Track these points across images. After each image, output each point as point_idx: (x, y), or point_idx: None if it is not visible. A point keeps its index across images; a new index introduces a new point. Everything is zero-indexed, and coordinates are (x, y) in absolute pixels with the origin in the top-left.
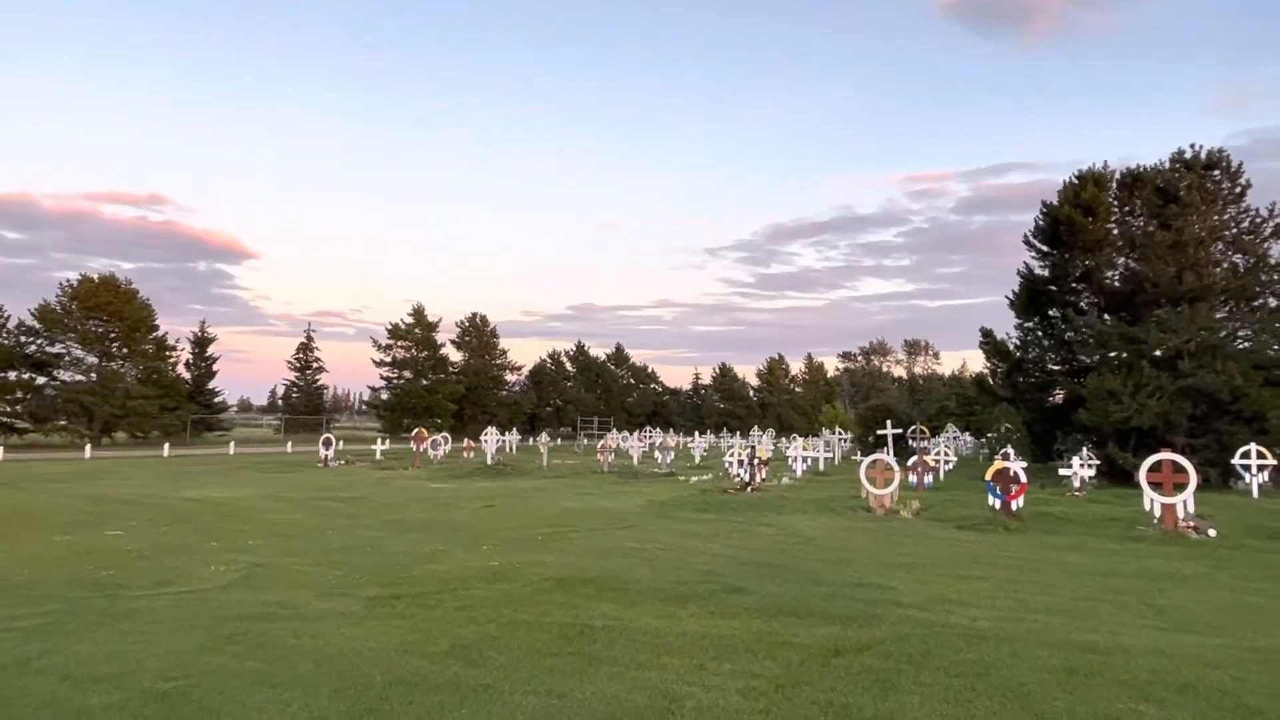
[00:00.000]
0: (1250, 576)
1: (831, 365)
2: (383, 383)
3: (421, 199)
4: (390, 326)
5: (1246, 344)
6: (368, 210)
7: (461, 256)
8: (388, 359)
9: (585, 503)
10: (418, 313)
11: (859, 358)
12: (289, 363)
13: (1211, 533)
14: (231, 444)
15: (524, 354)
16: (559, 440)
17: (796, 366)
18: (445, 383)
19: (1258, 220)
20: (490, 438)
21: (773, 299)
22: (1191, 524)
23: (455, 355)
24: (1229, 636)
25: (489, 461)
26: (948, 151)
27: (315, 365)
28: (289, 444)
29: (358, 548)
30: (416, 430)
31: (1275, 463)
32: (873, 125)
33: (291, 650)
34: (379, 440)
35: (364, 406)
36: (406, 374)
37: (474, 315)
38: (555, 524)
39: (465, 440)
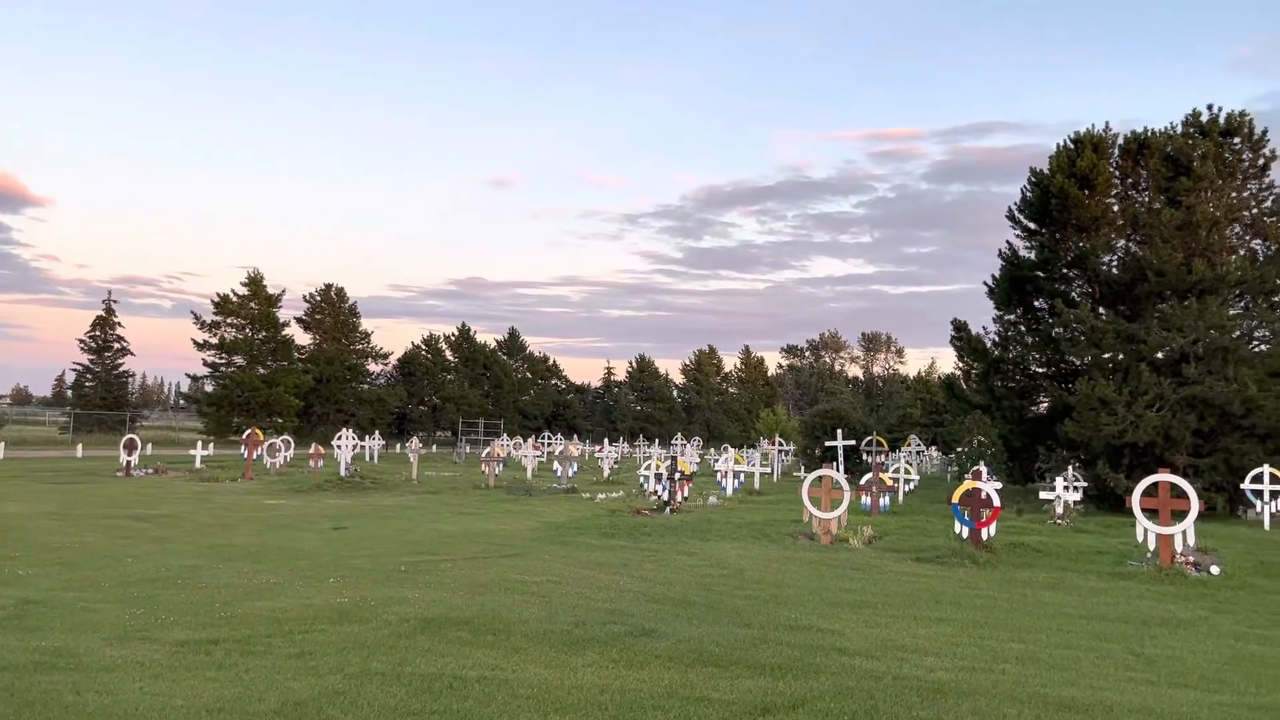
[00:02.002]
0: (1256, 622)
1: (773, 362)
2: (207, 370)
3: (263, 140)
4: (218, 299)
5: (1264, 346)
6: (193, 152)
7: (313, 215)
8: (214, 340)
9: (464, 525)
10: (254, 282)
11: (807, 353)
12: (82, 342)
13: (1214, 570)
14: (0, 445)
15: (392, 338)
16: (434, 447)
17: (731, 362)
18: (289, 372)
19: None
20: (345, 443)
21: (704, 279)
22: (1191, 559)
23: (303, 338)
24: (1229, 692)
25: (343, 473)
26: (919, 105)
27: (117, 346)
28: (79, 447)
29: (165, 579)
30: (249, 432)
31: None
32: (829, 70)
33: (70, 711)
34: (200, 444)
35: (182, 401)
36: (238, 360)
37: (327, 288)
38: (424, 551)
39: (313, 446)
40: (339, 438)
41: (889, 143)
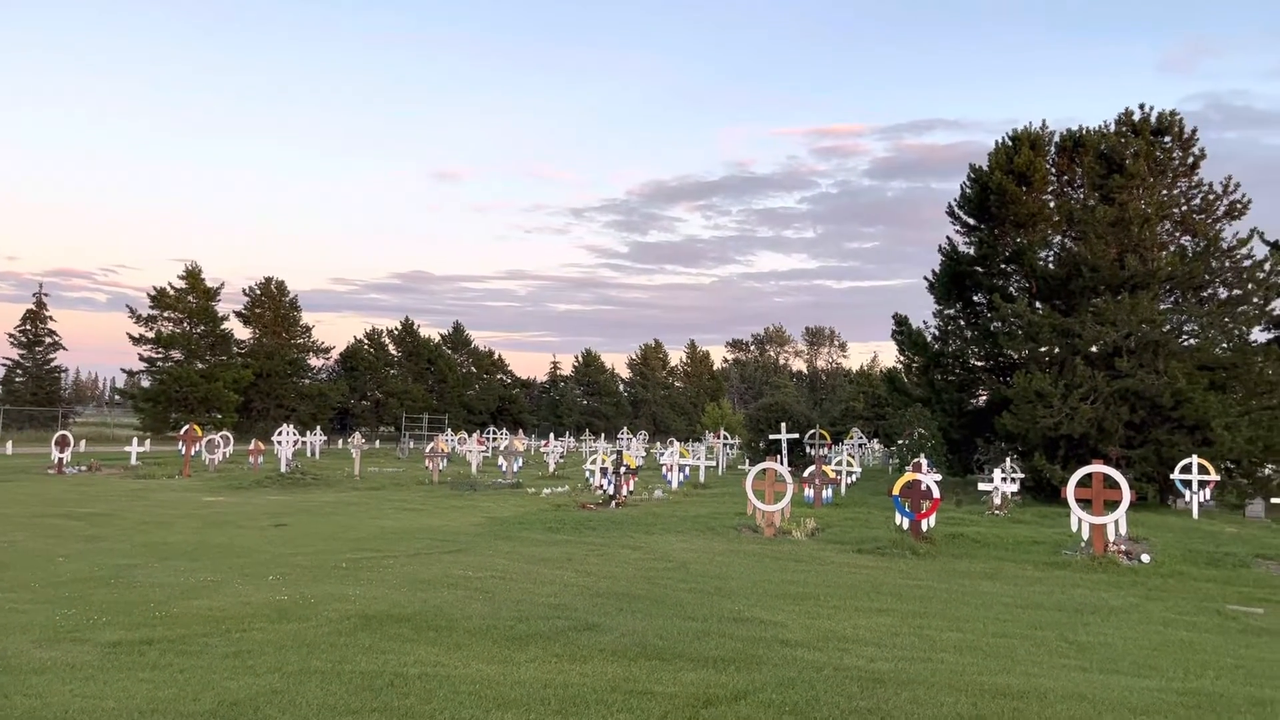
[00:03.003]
0: (1184, 609)
1: (719, 356)
2: (143, 365)
3: (201, 131)
4: (154, 293)
5: (1192, 341)
6: (128, 142)
7: (253, 207)
8: (150, 334)
9: (407, 521)
10: (192, 275)
11: (752, 347)
12: (11, 337)
13: (1145, 558)
14: None
15: (335, 333)
16: (377, 442)
17: (677, 356)
18: (228, 367)
19: (1210, 197)
20: (286, 438)
21: (650, 273)
22: (1123, 548)
23: (243, 332)
24: (1158, 677)
25: (283, 469)
26: (861, 103)
27: (49, 341)
28: (9, 444)
29: (99, 579)
30: (187, 428)
31: (1218, 478)
32: (773, 67)
33: None
34: (136, 440)
35: (117, 396)
36: (175, 354)
37: (268, 281)
38: (366, 547)
39: (253, 442)
40: (279, 433)
41: (832, 139)
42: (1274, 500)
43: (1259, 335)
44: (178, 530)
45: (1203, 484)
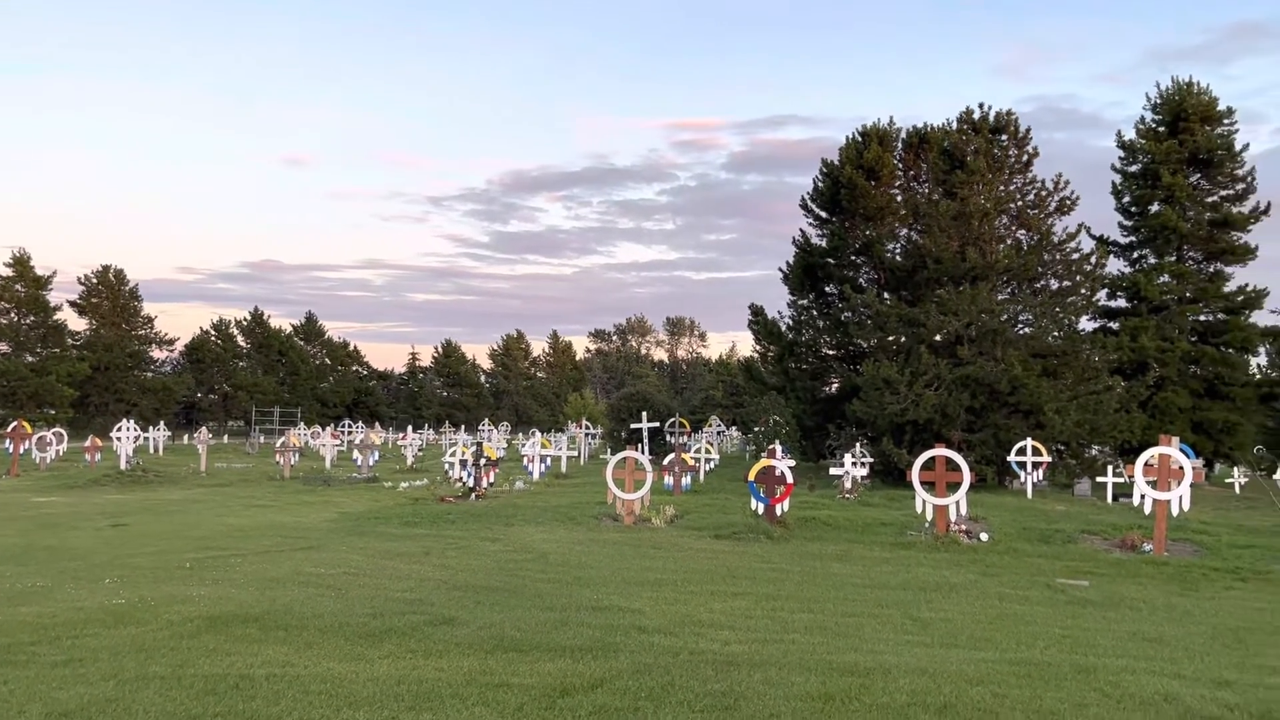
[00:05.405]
0: (1018, 584)
1: (581, 346)
2: None
3: (30, 112)
4: None
5: (1026, 330)
6: None
7: (88, 193)
8: None
9: (256, 518)
10: (20, 263)
11: (614, 338)
12: None
13: (984, 536)
14: None
15: (179, 324)
16: (226, 438)
17: (539, 347)
18: (62, 359)
19: (1043, 194)
20: (126, 434)
21: (511, 263)
22: (963, 528)
23: (77, 323)
24: (993, 650)
25: (123, 466)
26: (718, 97)
27: None
28: None
29: None
30: (15, 424)
31: (1050, 460)
32: (631, 59)
33: None
34: None
35: None
36: (2, 347)
37: (105, 270)
38: (212, 546)
39: (90, 438)
40: (119, 429)
41: (690, 132)
42: (1099, 479)
43: (1086, 324)
44: (3, 533)
45: (1036, 465)
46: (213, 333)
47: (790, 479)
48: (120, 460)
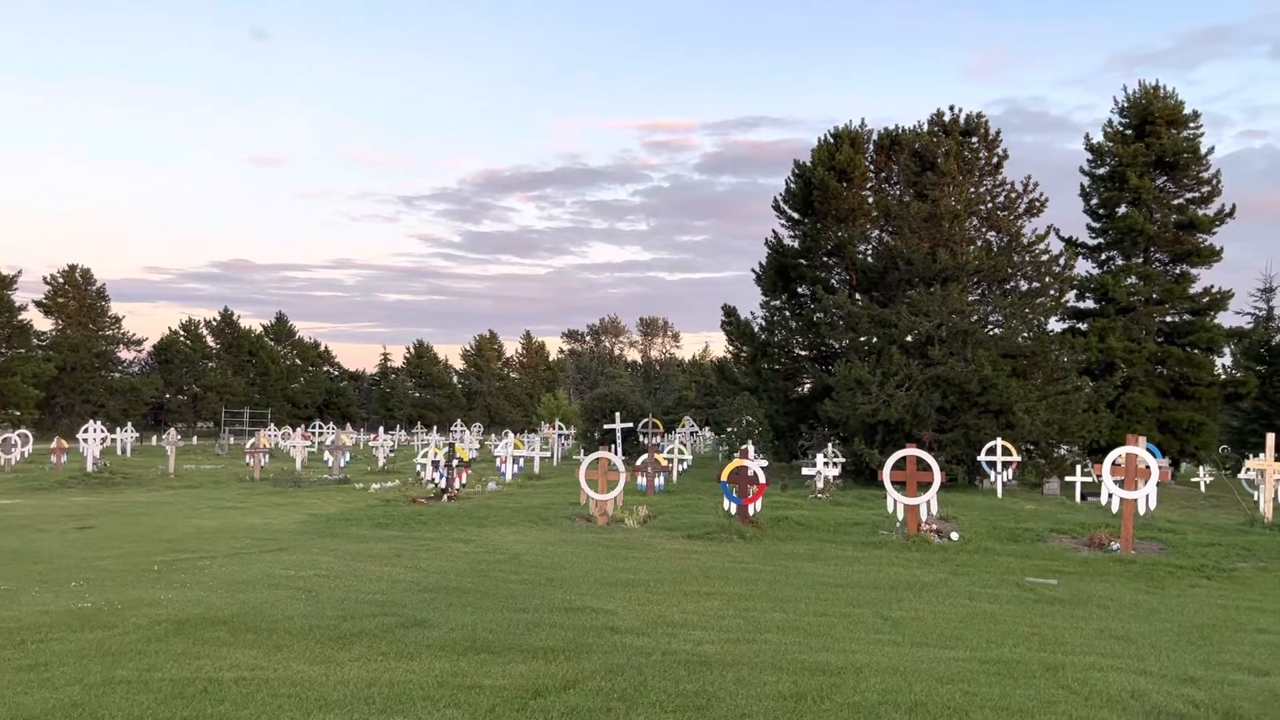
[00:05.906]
0: (988, 582)
1: (555, 347)
2: None
3: None
4: None
5: (996, 330)
6: None
7: (54, 192)
8: None
9: (226, 520)
10: None
11: (587, 338)
12: None
13: (954, 536)
14: None
15: (148, 324)
16: (195, 439)
17: (512, 347)
18: (27, 360)
19: (1013, 195)
20: (93, 435)
21: (484, 263)
22: (934, 527)
23: (43, 323)
24: (963, 648)
25: (90, 468)
26: (691, 98)
27: None
28: None
29: None
30: None
31: (1020, 459)
32: (604, 59)
33: None
34: None
35: None
36: None
37: (72, 269)
38: (181, 549)
39: (56, 440)
40: (85, 430)
41: (663, 133)
42: (1068, 478)
43: (1055, 325)
44: None
45: (1006, 464)
46: (182, 333)
47: (763, 479)
48: (87, 462)
